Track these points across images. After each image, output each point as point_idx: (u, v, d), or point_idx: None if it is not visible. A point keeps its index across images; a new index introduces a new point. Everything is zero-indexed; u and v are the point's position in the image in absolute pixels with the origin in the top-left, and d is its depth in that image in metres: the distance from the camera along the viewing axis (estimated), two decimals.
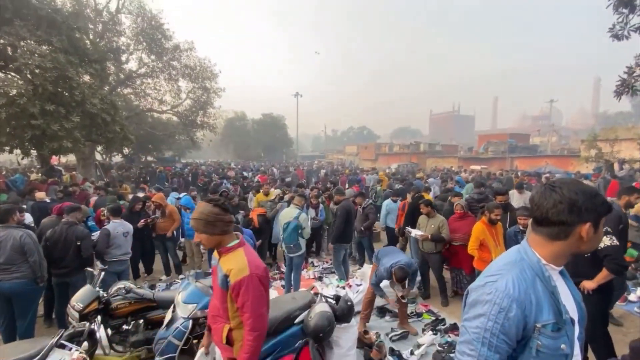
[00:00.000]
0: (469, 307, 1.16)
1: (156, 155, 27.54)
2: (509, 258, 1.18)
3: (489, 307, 1.07)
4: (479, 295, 1.13)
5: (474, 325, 1.10)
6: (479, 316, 1.09)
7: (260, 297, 1.76)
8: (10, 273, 3.33)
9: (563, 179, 1.13)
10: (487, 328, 1.06)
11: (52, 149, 8.51)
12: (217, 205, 1.76)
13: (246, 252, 1.83)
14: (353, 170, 20.16)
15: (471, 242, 4.12)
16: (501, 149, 27.86)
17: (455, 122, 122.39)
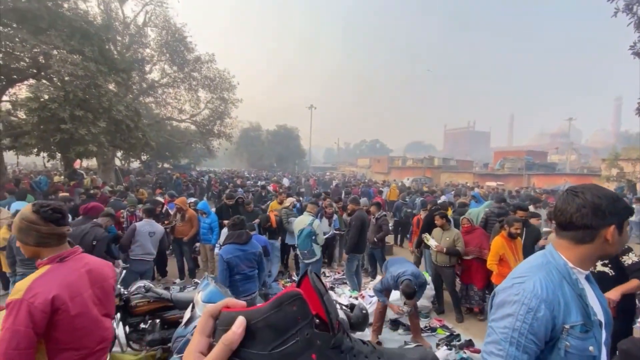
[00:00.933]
0: (497, 307, 1.18)
1: (172, 163, 28.24)
2: (534, 261, 1.20)
3: (517, 307, 1.09)
4: (506, 295, 1.15)
5: (501, 326, 1.12)
6: (507, 316, 1.11)
7: (16, 334, 1.27)
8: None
9: (584, 185, 1.15)
10: (515, 328, 1.08)
11: (78, 152, 8.91)
12: (36, 212, 1.44)
13: (47, 273, 1.44)
14: (366, 182, 20.11)
15: (491, 256, 4.04)
16: (518, 166, 27.34)
17: (470, 138, 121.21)
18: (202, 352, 0.37)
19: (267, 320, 0.36)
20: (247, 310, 0.37)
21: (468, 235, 4.74)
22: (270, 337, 0.35)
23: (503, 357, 1.09)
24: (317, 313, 0.37)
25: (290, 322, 0.36)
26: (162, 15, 17.47)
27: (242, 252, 3.21)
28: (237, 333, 0.35)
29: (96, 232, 3.92)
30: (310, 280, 0.39)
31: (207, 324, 0.39)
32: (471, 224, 4.82)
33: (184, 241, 5.91)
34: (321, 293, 0.38)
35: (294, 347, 0.35)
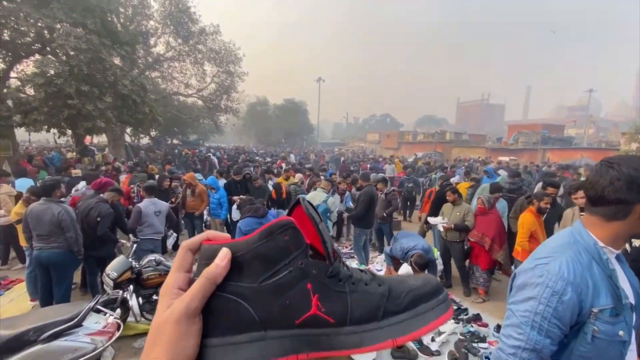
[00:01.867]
0: (517, 289, 1.11)
1: (181, 139, 28.33)
2: (561, 240, 1.11)
3: (541, 290, 1.02)
4: (528, 277, 1.08)
5: (522, 309, 1.06)
6: (529, 299, 1.04)
7: None
8: (48, 243, 3.53)
9: (621, 156, 1.04)
10: (537, 312, 1.01)
11: (87, 128, 8.92)
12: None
13: None
14: (375, 158, 19.87)
15: (522, 234, 3.79)
16: (532, 140, 26.49)
17: (484, 112, 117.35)
18: (180, 288, 0.33)
19: (255, 251, 0.32)
20: (232, 241, 0.34)
21: (479, 217, 4.60)
22: (259, 269, 0.32)
23: (523, 341, 1.03)
24: (312, 243, 0.34)
25: (282, 252, 0.33)
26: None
27: (259, 226, 3.17)
28: (221, 266, 0.31)
29: (101, 207, 3.93)
30: (303, 208, 0.35)
31: (185, 259, 0.34)
32: (485, 206, 4.53)
33: (195, 216, 5.99)
34: (316, 221, 0.34)
35: (287, 277, 0.32)
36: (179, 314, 0.30)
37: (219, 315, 0.32)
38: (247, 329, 0.32)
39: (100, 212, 3.87)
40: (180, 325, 0.30)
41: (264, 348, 0.32)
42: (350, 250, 6.07)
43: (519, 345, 1.04)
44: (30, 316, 2.45)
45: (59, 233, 3.52)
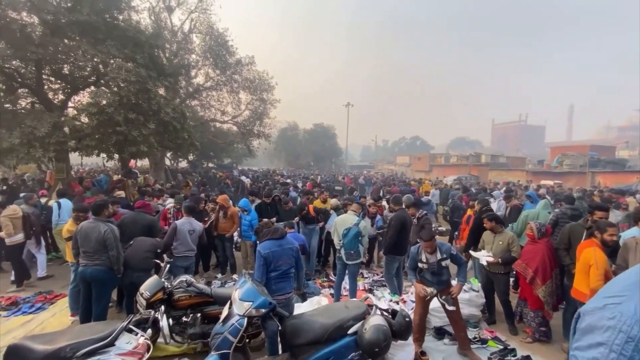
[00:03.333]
0: (582, 333, 0.95)
1: (216, 162, 29.66)
2: (635, 277, 0.95)
3: (612, 335, 0.86)
4: (596, 319, 0.91)
5: (589, 357, 0.89)
6: (597, 345, 0.88)
7: None
8: (92, 260, 3.71)
9: None
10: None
11: (131, 152, 9.60)
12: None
13: None
14: (406, 181, 19.41)
15: (597, 275, 3.18)
16: (579, 163, 24.63)
17: (521, 133, 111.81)
18: None
19: None
20: None
21: (527, 245, 4.16)
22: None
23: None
24: None
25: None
26: (206, 21, 18.29)
27: (279, 248, 3.14)
28: None
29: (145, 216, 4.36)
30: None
31: None
32: (534, 234, 4.05)
33: (226, 237, 6.09)
34: None
35: None
36: None
37: None
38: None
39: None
40: None
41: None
42: (381, 277, 5.80)
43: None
44: (68, 333, 2.53)
45: (102, 251, 3.70)
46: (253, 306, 2.56)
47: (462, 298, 4.32)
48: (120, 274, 3.86)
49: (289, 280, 3.17)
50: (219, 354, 2.49)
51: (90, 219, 3.89)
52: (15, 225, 5.42)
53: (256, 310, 2.57)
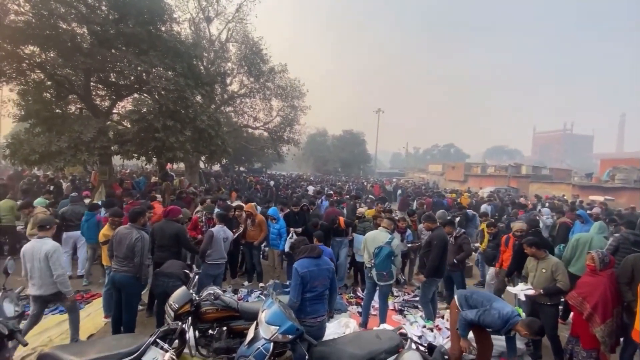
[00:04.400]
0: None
1: (247, 166, 30.42)
2: None
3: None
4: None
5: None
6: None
7: None
8: (122, 266, 3.81)
9: None
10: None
11: (168, 157, 10.00)
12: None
13: None
14: (439, 192, 18.64)
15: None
16: (633, 177, 22.39)
17: (566, 143, 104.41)
18: None
19: None
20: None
21: (586, 276, 3.69)
22: None
23: None
24: None
25: None
26: (242, 31, 18.90)
27: (316, 267, 2.96)
28: None
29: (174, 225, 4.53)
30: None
31: None
32: (596, 265, 3.54)
33: (254, 245, 6.07)
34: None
35: None
36: None
37: None
38: None
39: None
40: None
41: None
42: (413, 297, 5.49)
43: None
44: (98, 345, 2.55)
45: (131, 257, 3.78)
46: (280, 331, 2.43)
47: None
48: (143, 282, 3.93)
49: (323, 303, 3.00)
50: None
51: (127, 224, 4.00)
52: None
53: (283, 336, 2.44)
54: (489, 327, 3.05)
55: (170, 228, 4.56)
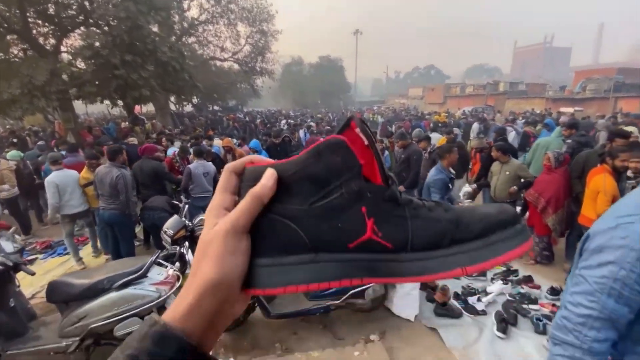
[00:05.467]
0: (592, 253, 0.97)
1: (221, 105, 29.03)
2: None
3: (624, 254, 0.88)
4: (608, 239, 0.93)
5: (597, 275, 0.93)
6: (607, 264, 0.91)
7: None
8: (109, 204, 3.94)
9: None
10: (617, 278, 0.88)
11: (134, 97, 9.43)
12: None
13: None
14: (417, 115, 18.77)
15: (605, 201, 3.13)
16: (603, 88, 22.97)
17: (546, 57, 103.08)
18: (226, 208, 0.31)
19: (304, 172, 0.30)
20: (277, 162, 0.32)
21: (542, 175, 4.13)
22: (309, 190, 0.30)
23: (596, 310, 0.92)
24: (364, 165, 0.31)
25: (333, 173, 0.30)
26: None
27: None
28: (267, 185, 0.30)
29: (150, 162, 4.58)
30: (357, 125, 0.31)
31: (229, 181, 0.33)
32: (552, 163, 3.97)
33: None
34: (372, 140, 0.31)
35: (339, 199, 0.30)
36: (226, 229, 0.29)
37: (267, 236, 0.31)
38: (297, 251, 0.31)
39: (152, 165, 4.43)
40: (228, 240, 0.29)
41: (315, 271, 0.30)
42: None
43: (590, 314, 0.94)
44: (103, 268, 2.78)
45: (116, 195, 3.89)
46: None
47: None
48: (133, 218, 4.10)
49: None
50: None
51: (107, 164, 4.00)
52: (10, 178, 5.52)
53: None
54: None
55: (148, 166, 4.56)
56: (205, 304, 0.28)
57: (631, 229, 0.89)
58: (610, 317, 0.91)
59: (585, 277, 0.97)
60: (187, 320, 0.28)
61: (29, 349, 2.49)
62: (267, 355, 2.69)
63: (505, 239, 0.30)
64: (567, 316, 1.00)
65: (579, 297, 0.97)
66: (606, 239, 0.94)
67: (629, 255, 0.87)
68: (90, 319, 2.45)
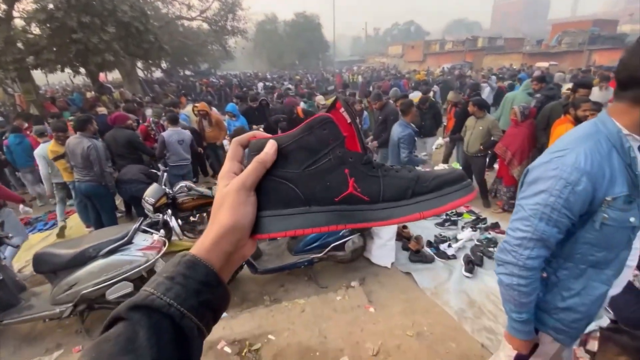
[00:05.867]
0: (528, 185, 1.11)
1: (192, 69, 27.43)
2: (581, 132, 1.07)
3: (553, 183, 1.02)
4: (542, 172, 1.07)
5: (532, 202, 1.07)
6: (540, 192, 1.05)
7: None
8: (84, 175, 3.84)
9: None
10: (547, 204, 1.03)
11: (97, 63, 8.78)
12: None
13: None
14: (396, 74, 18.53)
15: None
16: (578, 41, 23.18)
17: (525, 11, 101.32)
18: (235, 173, 0.39)
19: (298, 143, 0.39)
20: (276, 136, 0.40)
21: (510, 128, 4.30)
22: (303, 158, 0.39)
23: (530, 232, 1.07)
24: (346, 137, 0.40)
25: (322, 143, 0.39)
26: None
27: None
28: (270, 153, 0.38)
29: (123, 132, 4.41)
30: (341, 104, 0.41)
31: (236, 151, 0.41)
32: (517, 117, 4.14)
33: (218, 145, 6.11)
34: (353, 117, 0.40)
35: (327, 164, 0.39)
36: (237, 185, 0.37)
37: (269, 193, 0.39)
38: (294, 204, 0.39)
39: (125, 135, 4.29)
40: (240, 194, 0.36)
41: (309, 219, 0.38)
42: None
43: (524, 236, 1.09)
44: (87, 237, 2.81)
45: (90, 167, 3.79)
46: None
47: None
48: (111, 189, 4.04)
49: None
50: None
51: (77, 134, 3.84)
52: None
53: None
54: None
55: (122, 135, 4.41)
56: (223, 243, 0.35)
57: (561, 161, 1.02)
58: (542, 237, 1.06)
59: (522, 205, 1.11)
60: (210, 256, 0.35)
61: (24, 318, 2.57)
62: (257, 307, 2.90)
63: (454, 191, 0.38)
64: (507, 240, 1.16)
65: (517, 223, 1.12)
66: (540, 171, 1.07)
67: (557, 184, 1.01)
68: (81, 286, 2.53)
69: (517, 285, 1.13)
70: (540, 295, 1.19)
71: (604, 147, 0.99)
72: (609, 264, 1.08)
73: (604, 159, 0.98)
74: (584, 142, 1.01)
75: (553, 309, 1.20)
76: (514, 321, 1.21)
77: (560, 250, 1.14)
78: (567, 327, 1.18)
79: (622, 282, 1.20)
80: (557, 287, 1.17)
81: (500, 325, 2.47)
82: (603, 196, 0.98)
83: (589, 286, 1.11)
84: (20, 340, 2.70)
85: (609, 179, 0.98)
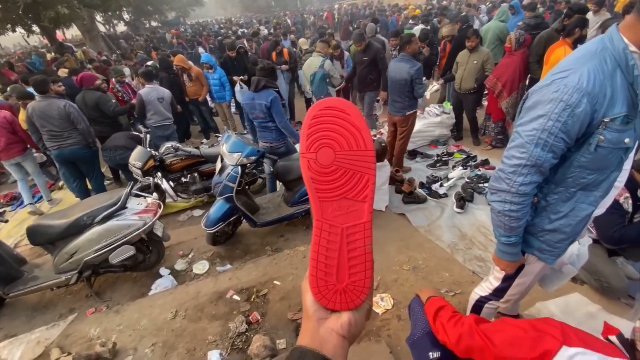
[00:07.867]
0: (527, 110, 1.08)
1: (159, 19, 25.02)
2: (588, 49, 1.01)
3: (552, 106, 0.99)
4: (542, 95, 1.03)
5: (529, 128, 1.05)
6: (538, 117, 1.03)
7: None
8: (64, 140, 3.62)
9: None
10: (545, 129, 1.01)
11: (50, 18, 7.86)
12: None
13: None
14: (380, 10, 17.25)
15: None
16: None
17: None
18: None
19: None
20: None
21: (503, 59, 4.12)
22: None
23: (525, 159, 1.06)
24: None
25: None
26: None
27: (251, 101, 3.10)
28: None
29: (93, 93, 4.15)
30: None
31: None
32: (512, 45, 3.95)
33: (200, 101, 5.81)
34: None
35: None
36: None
37: None
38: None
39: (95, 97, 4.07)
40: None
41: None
42: None
43: (519, 163, 1.08)
44: (78, 206, 2.75)
45: (71, 128, 3.58)
46: (243, 155, 2.74)
47: (433, 121, 4.68)
48: (95, 146, 3.89)
49: (270, 131, 3.23)
50: (223, 199, 2.84)
51: (39, 97, 3.55)
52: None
53: (247, 159, 2.77)
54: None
55: (91, 98, 4.11)
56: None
57: (563, 83, 0.98)
58: (536, 163, 1.05)
59: (519, 132, 1.09)
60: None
61: (31, 288, 2.61)
62: (259, 257, 3.00)
63: None
64: (502, 168, 1.16)
65: (513, 151, 1.11)
66: (541, 95, 1.03)
67: (556, 107, 0.98)
68: (82, 253, 2.55)
69: (509, 211, 1.14)
70: (529, 219, 1.22)
71: (608, 66, 0.95)
72: (598, 186, 1.10)
73: (607, 77, 0.95)
74: (589, 60, 0.97)
75: (540, 232, 1.24)
76: (502, 244, 1.25)
77: (552, 176, 1.14)
78: (551, 247, 1.24)
79: (608, 202, 1.22)
80: (546, 210, 1.20)
81: (490, 254, 2.64)
82: (602, 117, 0.97)
83: (576, 208, 1.14)
84: (32, 310, 2.78)
85: (609, 98, 0.95)
